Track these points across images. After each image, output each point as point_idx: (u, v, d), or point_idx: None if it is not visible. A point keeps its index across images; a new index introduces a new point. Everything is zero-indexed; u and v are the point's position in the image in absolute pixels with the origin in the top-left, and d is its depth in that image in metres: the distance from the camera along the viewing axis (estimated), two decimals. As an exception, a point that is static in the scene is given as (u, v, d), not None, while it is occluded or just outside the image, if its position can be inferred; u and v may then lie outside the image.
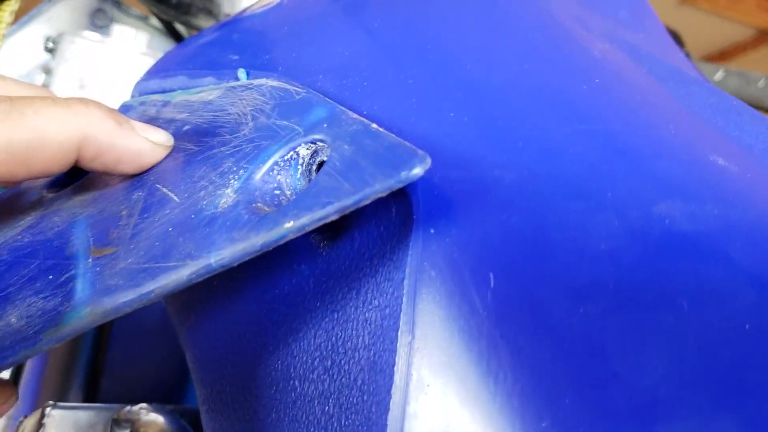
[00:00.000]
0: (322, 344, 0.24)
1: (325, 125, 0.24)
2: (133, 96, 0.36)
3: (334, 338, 0.24)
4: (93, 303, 0.22)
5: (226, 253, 0.21)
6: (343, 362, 0.23)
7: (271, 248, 0.21)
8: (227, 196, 0.23)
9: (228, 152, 0.25)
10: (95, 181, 0.29)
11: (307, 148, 0.24)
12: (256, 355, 0.27)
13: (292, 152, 0.24)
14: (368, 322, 0.23)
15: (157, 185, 0.26)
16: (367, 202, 0.20)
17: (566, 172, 0.22)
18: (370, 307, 0.23)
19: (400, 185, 0.20)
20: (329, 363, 0.24)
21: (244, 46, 0.30)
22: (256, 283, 0.28)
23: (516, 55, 0.26)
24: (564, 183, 0.21)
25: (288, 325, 0.26)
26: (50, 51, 0.55)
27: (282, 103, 0.26)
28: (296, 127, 0.25)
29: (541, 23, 0.29)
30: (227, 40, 0.32)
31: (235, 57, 0.30)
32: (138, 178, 0.27)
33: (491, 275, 0.20)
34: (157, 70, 0.35)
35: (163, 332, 0.55)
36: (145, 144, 0.26)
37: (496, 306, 0.20)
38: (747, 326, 0.18)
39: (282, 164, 0.24)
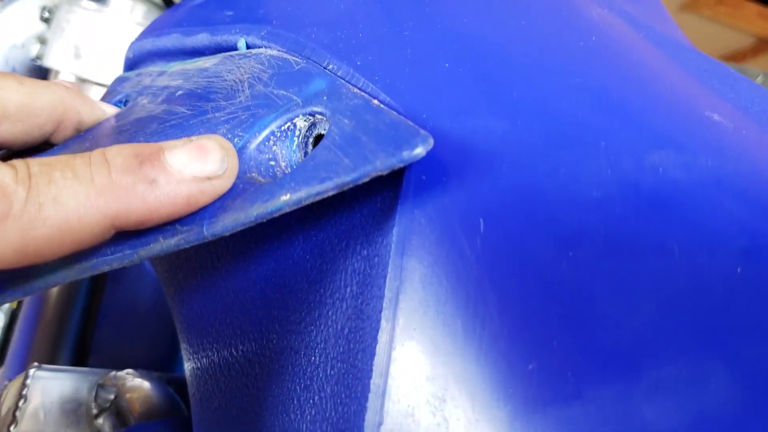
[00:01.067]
0: (310, 296, 0.24)
1: (324, 98, 0.23)
2: (127, 57, 0.36)
3: (321, 290, 0.24)
4: (74, 260, 0.22)
5: (218, 222, 0.21)
6: (330, 313, 0.23)
7: (265, 220, 0.20)
8: None
9: (223, 118, 0.25)
10: None
11: (305, 120, 0.24)
12: (242, 310, 0.27)
13: (289, 123, 0.24)
14: (356, 272, 0.23)
15: None
16: (366, 179, 0.20)
17: (559, 122, 0.21)
18: (359, 257, 0.23)
19: (402, 164, 0.20)
20: (316, 314, 0.24)
21: (238, 2, 0.30)
22: (243, 238, 0.28)
23: (512, 11, 0.26)
24: (557, 132, 0.21)
25: (276, 278, 0.26)
26: (46, 21, 0.55)
27: (281, 72, 0.25)
28: (294, 98, 0.24)
29: (539, -14, 0.29)
30: (222, -2, 0.31)
31: (230, 13, 0.29)
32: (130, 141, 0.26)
33: (481, 221, 0.20)
34: (151, 30, 0.35)
35: (153, 306, 0.55)
36: (191, 187, 0.21)
37: (485, 251, 0.20)
38: (738, 270, 0.18)
39: (278, 134, 0.24)
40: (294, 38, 0.25)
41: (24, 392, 0.35)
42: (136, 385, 0.37)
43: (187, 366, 0.30)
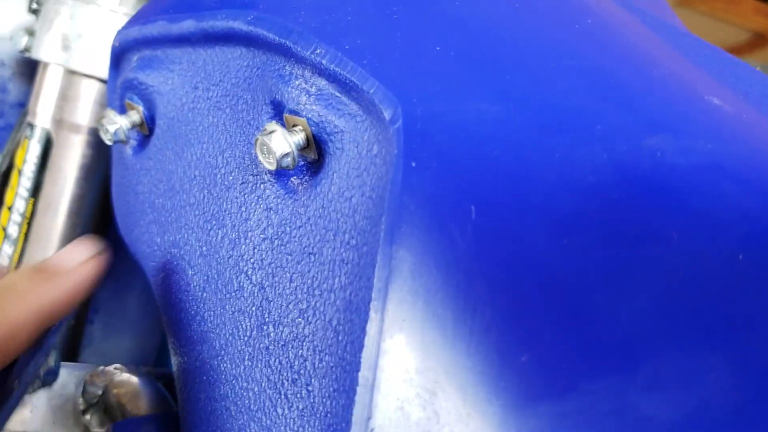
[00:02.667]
0: (298, 287, 0.23)
1: None
2: (113, 46, 0.35)
3: (310, 281, 0.23)
4: None
5: None
6: (318, 304, 0.22)
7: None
8: None
9: None
10: None
11: None
12: (229, 303, 0.26)
13: None
14: (345, 262, 0.22)
15: None
16: None
17: (553, 106, 0.21)
18: (347, 246, 0.22)
19: None
20: (305, 306, 0.23)
21: (225, -13, 0.29)
22: (232, 230, 0.27)
23: (506, -5, 0.25)
24: (551, 116, 0.20)
25: (263, 270, 0.25)
26: (34, 12, 0.54)
27: None
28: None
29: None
30: (209, -16, 0.31)
31: (216, -2, 0.29)
32: None
33: (472, 208, 0.19)
34: (137, 18, 0.34)
35: (143, 302, 0.54)
36: (76, 275, 0.26)
37: (476, 239, 0.19)
38: (740, 256, 0.17)
39: None
40: (281, 23, 0.25)
41: (9, 389, 0.34)
42: (124, 380, 0.36)
43: (174, 361, 0.29)
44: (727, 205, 0.18)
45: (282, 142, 0.24)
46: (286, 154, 0.24)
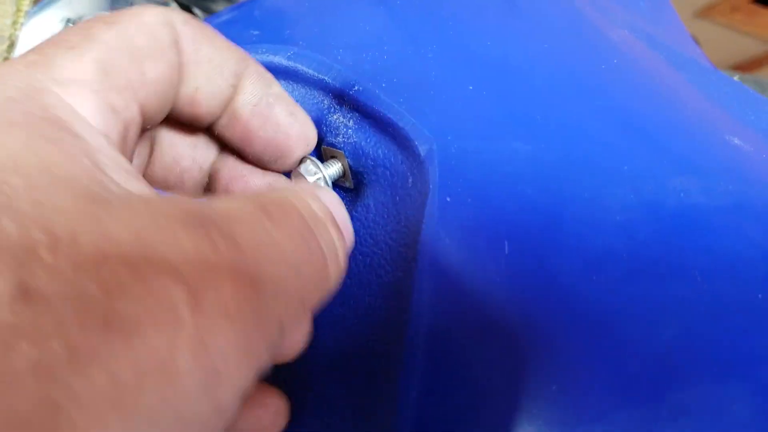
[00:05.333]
0: (335, 312, 0.25)
1: None
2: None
3: (346, 306, 0.24)
4: None
5: None
6: (355, 329, 0.24)
7: None
8: None
9: None
10: None
11: None
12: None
13: None
14: (382, 286, 0.23)
15: None
16: None
17: (583, 146, 0.22)
18: (383, 273, 0.23)
19: None
20: (339, 337, 0.24)
21: (264, 22, 0.31)
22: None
23: (534, 35, 0.26)
24: (580, 156, 0.21)
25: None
26: (70, 32, 0.56)
27: None
28: None
29: (560, 7, 0.29)
30: (248, 17, 0.32)
31: (256, 32, 0.30)
32: None
33: (506, 243, 0.20)
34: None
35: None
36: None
37: (510, 273, 0.20)
38: (760, 296, 0.18)
39: None
40: (320, 60, 0.26)
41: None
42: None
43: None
44: (747, 245, 0.19)
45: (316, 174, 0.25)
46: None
